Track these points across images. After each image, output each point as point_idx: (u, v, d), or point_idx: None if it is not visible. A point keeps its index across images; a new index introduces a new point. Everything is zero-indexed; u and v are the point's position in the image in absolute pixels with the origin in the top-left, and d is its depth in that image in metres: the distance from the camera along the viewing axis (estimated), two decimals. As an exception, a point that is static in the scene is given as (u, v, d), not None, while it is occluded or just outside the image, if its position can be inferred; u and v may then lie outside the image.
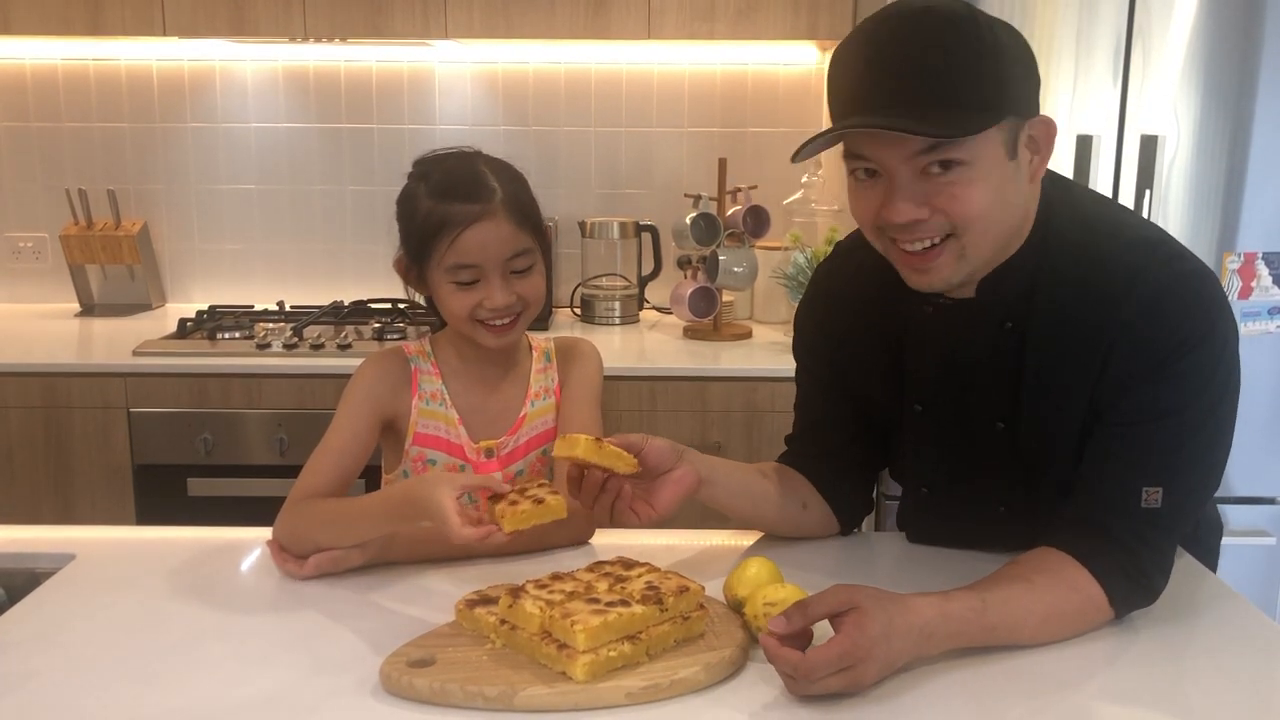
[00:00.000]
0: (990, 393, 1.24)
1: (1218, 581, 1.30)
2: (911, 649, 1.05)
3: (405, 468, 1.50)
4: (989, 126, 1.09)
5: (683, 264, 2.69)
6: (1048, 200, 1.20)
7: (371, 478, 1.56)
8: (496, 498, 1.20)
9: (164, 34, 2.53)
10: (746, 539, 1.45)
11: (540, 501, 1.18)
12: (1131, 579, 1.14)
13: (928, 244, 1.14)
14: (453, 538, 1.15)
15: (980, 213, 1.12)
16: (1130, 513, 1.15)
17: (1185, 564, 1.32)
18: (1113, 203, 1.31)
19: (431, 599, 1.22)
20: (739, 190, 2.64)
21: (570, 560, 1.19)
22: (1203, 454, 1.16)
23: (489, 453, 1.50)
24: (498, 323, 1.43)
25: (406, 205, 1.46)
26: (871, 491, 1.45)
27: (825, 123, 1.42)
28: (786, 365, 2.40)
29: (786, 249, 2.71)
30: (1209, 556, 1.39)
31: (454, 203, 1.40)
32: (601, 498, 1.22)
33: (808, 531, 1.41)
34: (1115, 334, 1.15)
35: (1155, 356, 1.14)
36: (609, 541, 1.43)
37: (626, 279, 2.85)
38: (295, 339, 2.45)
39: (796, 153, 1.13)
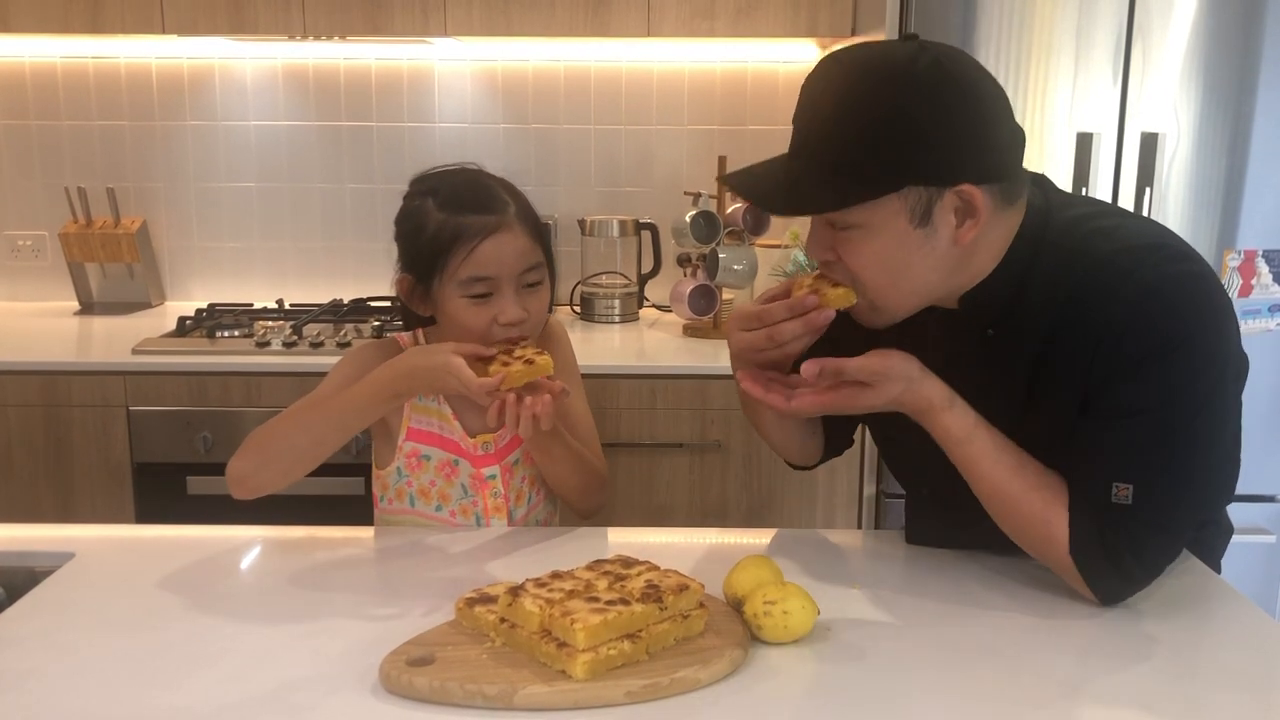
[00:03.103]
0: (977, 400, 1.24)
1: (1219, 580, 1.30)
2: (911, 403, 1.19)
3: (399, 464, 1.50)
4: (847, 205, 1.13)
5: (682, 262, 2.69)
6: (1042, 214, 1.21)
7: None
8: (485, 360, 1.33)
9: (163, 32, 2.53)
10: (746, 538, 1.45)
11: (530, 362, 1.33)
12: (1107, 546, 1.16)
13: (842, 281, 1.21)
14: (473, 386, 1.30)
15: (870, 274, 1.17)
16: (1102, 507, 1.16)
17: (1186, 563, 1.32)
18: (1121, 212, 1.30)
19: (431, 597, 1.22)
20: (739, 188, 2.63)
21: (570, 559, 1.19)
22: (1182, 457, 1.15)
23: (485, 446, 1.50)
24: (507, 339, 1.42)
25: (412, 221, 1.44)
26: (849, 439, 1.53)
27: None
28: (786, 363, 2.41)
29: (786, 247, 2.71)
30: (1211, 557, 1.39)
31: (469, 214, 1.40)
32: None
33: (804, 454, 1.49)
34: (1102, 332, 1.15)
35: (1136, 353, 1.13)
36: (609, 540, 1.43)
37: (626, 277, 2.84)
38: (295, 337, 2.45)
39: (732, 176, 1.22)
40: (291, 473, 1.39)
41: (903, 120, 1.09)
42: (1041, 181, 1.25)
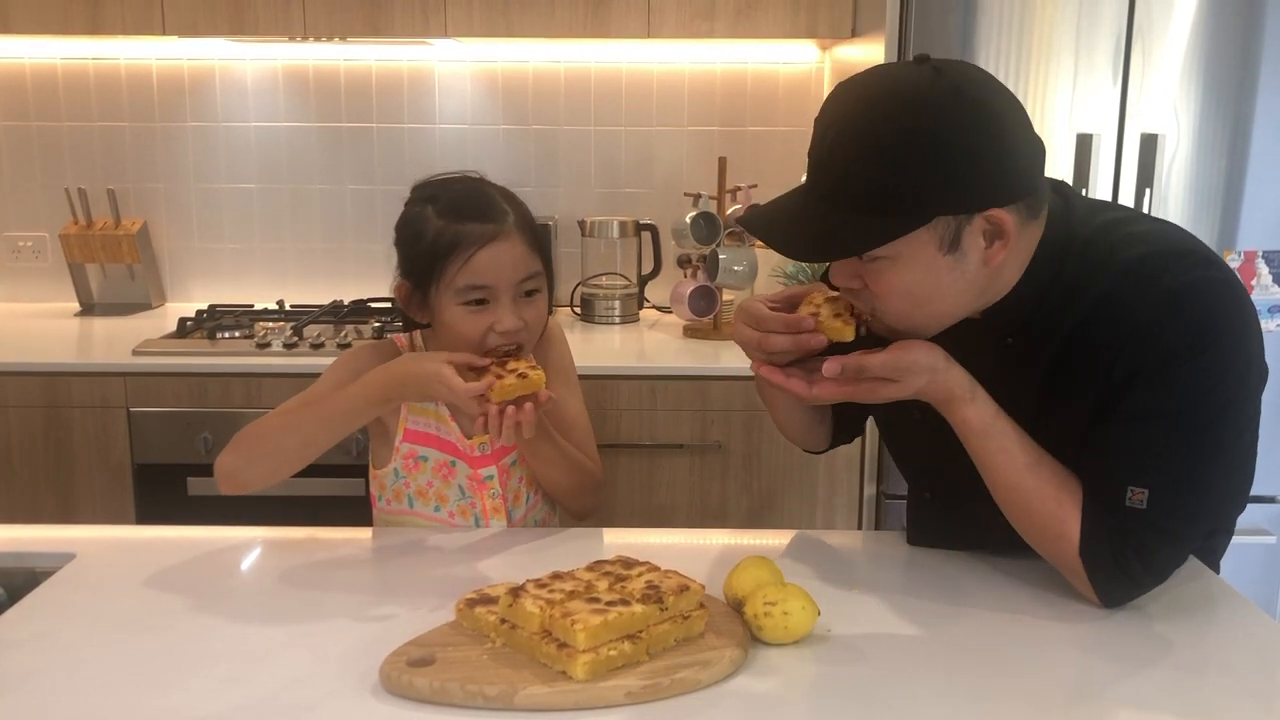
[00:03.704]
0: None
1: (1222, 583, 1.30)
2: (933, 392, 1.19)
3: (396, 465, 1.50)
4: (878, 245, 1.12)
5: (682, 263, 2.69)
6: (1064, 222, 1.20)
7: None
8: (480, 371, 1.33)
9: (163, 33, 2.53)
10: (747, 538, 1.45)
11: (523, 376, 1.32)
12: (1115, 550, 1.15)
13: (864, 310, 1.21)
14: (460, 392, 1.30)
15: (897, 303, 1.17)
16: (1115, 510, 1.16)
17: (1190, 566, 1.31)
18: (1146, 217, 1.29)
19: (431, 598, 1.22)
20: (739, 189, 2.64)
21: (570, 559, 1.19)
22: (1198, 464, 1.15)
23: (483, 447, 1.50)
24: (504, 349, 1.42)
25: (411, 228, 1.44)
26: (860, 428, 1.52)
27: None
28: (786, 364, 2.41)
29: (786, 248, 2.71)
30: (1211, 559, 1.39)
31: (467, 222, 1.40)
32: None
33: (811, 440, 1.50)
34: (1126, 336, 1.14)
35: (1160, 357, 1.13)
36: (609, 541, 1.43)
37: (626, 278, 2.84)
38: (295, 338, 2.45)
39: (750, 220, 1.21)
40: (279, 470, 1.40)
41: (927, 154, 1.08)
42: (1060, 188, 1.24)
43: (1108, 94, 2.22)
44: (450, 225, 1.40)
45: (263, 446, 1.40)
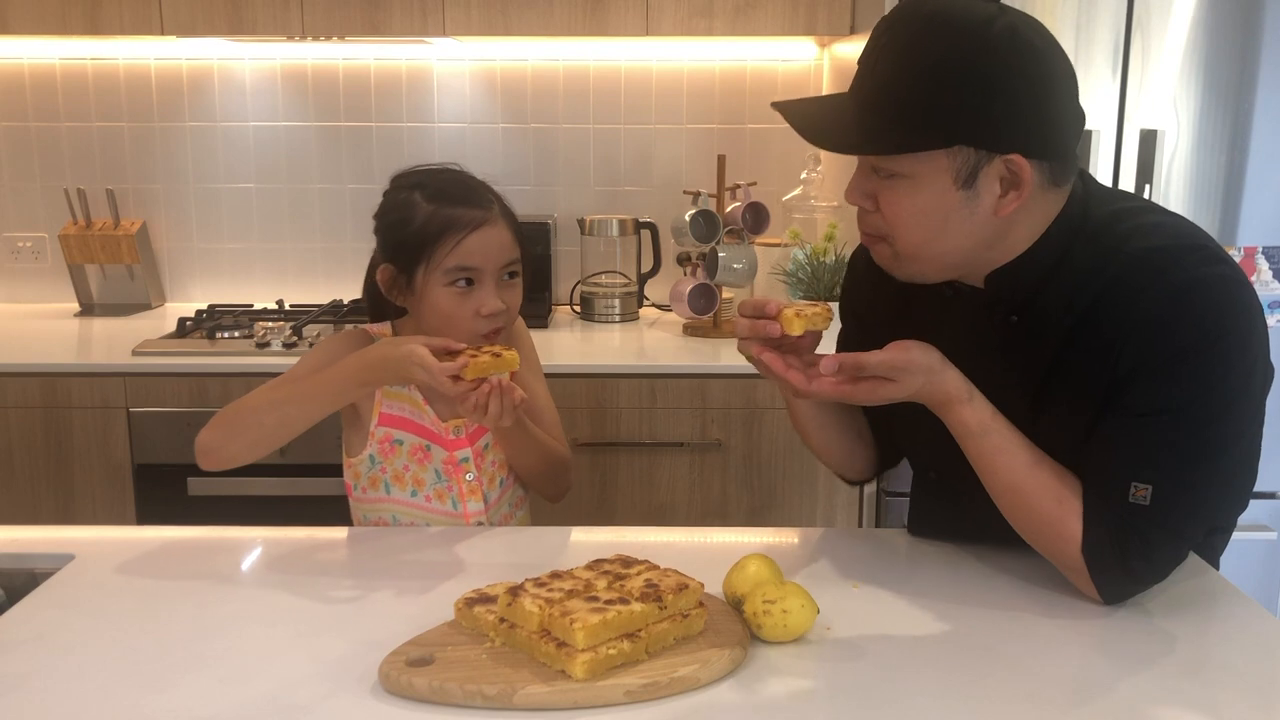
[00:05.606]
0: (994, 384, 1.24)
1: (1222, 580, 1.30)
2: (928, 394, 1.19)
3: (371, 450, 1.52)
4: (894, 152, 1.13)
5: (682, 261, 2.68)
6: (1082, 204, 1.20)
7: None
8: (453, 355, 1.35)
9: (162, 33, 2.53)
10: (746, 536, 1.45)
11: (498, 355, 1.36)
12: (1117, 546, 1.15)
13: (870, 234, 1.22)
14: (435, 369, 1.32)
15: (905, 228, 1.17)
16: (1117, 505, 1.15)
17: (1191, 563, 1.31)
18: (1160, 210, 1.28)
19: (430, 598, 1.22)
20: (738, 187, 2.64)
21: (569, 559, 1.19)
22: (1201, 460, 1.14)
23: (457, 430, 1.53)
24: (488, 330, 1.47)
25: (398, 213, 1.48)
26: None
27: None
28: (786, 362, 2.41)
29: (786, 245, 2.71)
30: (1211, 555, 1.39)
31: (458, 207, 1.45)
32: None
33: (853, 465, 1.48)
34: (1131, 329, 1.14)
35: (1165, 351, 1.13)
36: (608, 540, 1.43)
37: (626, 276, 2.84)
38: (295, 338, 2.45)
39: (783, 104, 1.20)
40: (256, 448, 1.44)
41: (965, 78, 1.09)
42: (1083, 173, 1.25)
43: (1107, 89, 2.22)
44: (440, 210, 1.45)
45: (241, 424, 1.44)
